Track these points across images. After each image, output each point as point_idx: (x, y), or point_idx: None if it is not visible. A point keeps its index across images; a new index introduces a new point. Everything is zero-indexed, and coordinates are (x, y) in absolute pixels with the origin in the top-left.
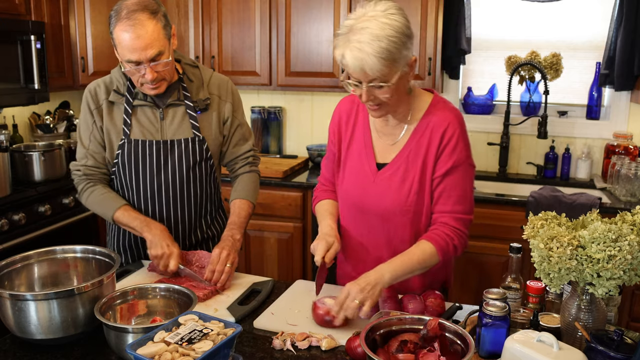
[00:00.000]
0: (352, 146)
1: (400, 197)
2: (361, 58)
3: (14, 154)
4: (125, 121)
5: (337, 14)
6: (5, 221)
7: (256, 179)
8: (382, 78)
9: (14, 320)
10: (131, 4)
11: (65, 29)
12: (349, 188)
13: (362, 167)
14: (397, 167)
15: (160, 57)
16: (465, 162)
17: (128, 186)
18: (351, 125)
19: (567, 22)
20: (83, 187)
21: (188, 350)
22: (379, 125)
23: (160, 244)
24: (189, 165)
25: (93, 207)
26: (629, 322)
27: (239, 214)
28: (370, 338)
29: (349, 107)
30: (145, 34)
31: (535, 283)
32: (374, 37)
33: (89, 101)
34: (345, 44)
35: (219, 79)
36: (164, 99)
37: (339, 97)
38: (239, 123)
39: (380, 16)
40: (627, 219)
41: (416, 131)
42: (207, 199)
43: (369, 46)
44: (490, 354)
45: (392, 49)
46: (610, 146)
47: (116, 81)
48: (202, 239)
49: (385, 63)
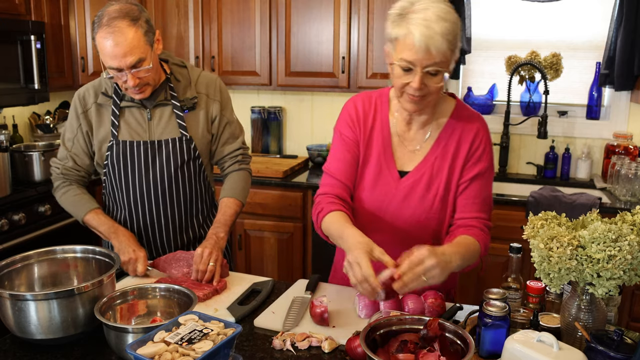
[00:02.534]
0: (369, 150)
1: (424, 206)
2: (430, 36)
3: (14, 154)
4: (113, 123)
5: (337, 14)
6: (5, 221)
7: (246, 177)
8: (440, 63)
9: (14, 320)
10: (112, 10)
11: (65, 29)
12: (367, 197)
13: (382, 174)
14: (421, 174)
15: (141, 64)
16: (490, 168)
17: (118, 187)
18: (369, 127)
19: (567, 22)
20: (59, 184)
21: (188, 350)
22: (401, 130)
23: (126, 250)
24: (177, 165)
25: (66, 206)
26: (629, 322)
27: (224, 212)
28: (370, 338)
29: (366, 106)
30: (124, 42)
31: (535, 283)
32: (440, 17)
33: (77, 105)
34: (408, 21)
35: (207, 77)
36: (151, 100)
37: (339, 97)
38: (227, 121)
39: (437, 1)
40: (627, 219)
41: (441, 137)
42: (197, 199)
43: (437, 25)
44: (490, 354)
45: (456, 34)
46: (610, 146)
47: (104, 84)
48: (195, 238)
49: (449, 46)
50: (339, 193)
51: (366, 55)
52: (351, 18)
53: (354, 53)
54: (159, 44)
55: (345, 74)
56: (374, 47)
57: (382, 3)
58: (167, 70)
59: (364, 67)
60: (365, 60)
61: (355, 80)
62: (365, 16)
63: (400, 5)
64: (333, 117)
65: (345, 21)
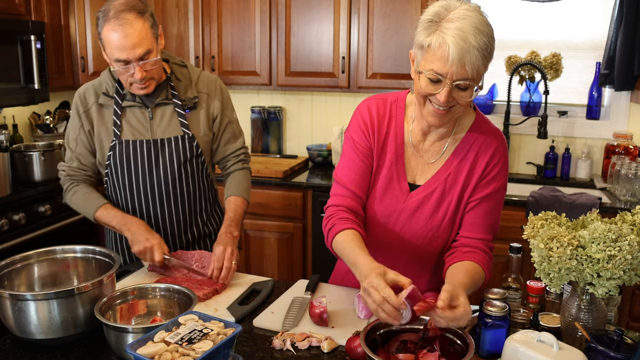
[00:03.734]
0: (382, 159)
1: (432, 224)
2: (466, 49)
3: (14, 154)
4: (115, 122)
5: (337, 14)
6: (5, 221)
7: (249, 177)
8: (472, 78)
9: (14, 320)
10: (119, 4)
11: (65, 29)
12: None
13: (392, 185)
14: (432, 189)
15: (149, 56)
16: (503, 187)
17: (121, 187)
18: (383, 134)
19: (567, 22)
20: (67, 186)
21: (188, 350)
22: (416, 139)
23: (139, 240)
24: (179, 163)
25: (76, 206)
26: (629, 322)
27: (235, 211)
28: (370, 338)
29: (380, 111)
30: (133, 33)
31: (535, 283)
32: (476, 30)
33: (78, 105)
34: (440, 30)
35: (208, 77)
36: (153, 99)
37: (339, 97)
38: (228, 120)
39: (475, 11)
40: (627, 219)
41: (457, 152)
42: (201, 196)
43: (473, 38)
44: (490, 354)
45: (492, 48)
46: (610, 146)
47: (105, 84)
48: (199, 236)
49: (484, 61)
50: (350, 204)
51: (366, 55)
52: (351, 18)
53: (354, 53)
54: (162, 39)
55: (345, 74)
56: (374, 47)
57: (382, 3)
58: (168, 69)
59: (364, 67)
60: (365, 60)
61: (355, 80)
62: (365, 16)
63: (434, 10)
64: (333, 117)
65: (345, 21)
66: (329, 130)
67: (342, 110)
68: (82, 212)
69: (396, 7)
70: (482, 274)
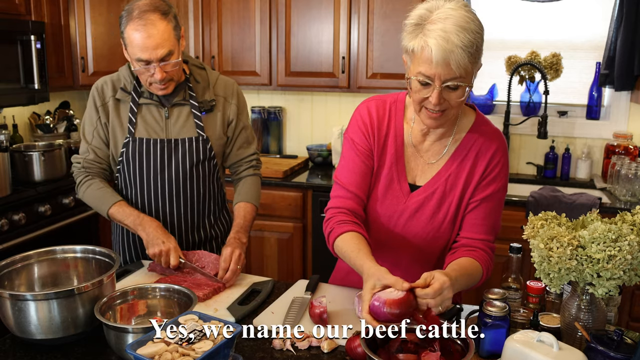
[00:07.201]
0: (382, 160)
1: (433, 225)
2: (449, 50)
3: (14, 154)
4: (131, 119)
5: (337, 14)
6: (5, 221)
7: (259, 183)
8: (461, 77)
9: (14, 320)
10: (143, 4)
11: (65, 29)
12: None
13: (392, 186)
14: (433, 189)
15: (170, 57)
16: (503, 188)
17: (132, 183)
18: (383, 134)
19: (567, 22)
20: (81, 180)
21: (188, 350)
22: (416, 140)
23: (155, 242)
24: (192, 164)
25: (89, 200)
26: (629, 322)
27: (244, 217)
28: (371, 338)
29: (380, 112)
30: (156, 34)
31: (535, 283)
32: (459, 28)
33: (96, 97)
34: (423, 33)
35: (225, 81)
36: (170, 98)
37: (339, 97)
38: (243, 125)
39: (459, 9)
40: (627, 219)
41: (458, 152)
42: (210, 198)
43: (456, 37)
44: (490, 354)
45: (479, 44)
46: (610, 146)
47: (123, 79)
48: (205, 238)
49: (471, 59)
50: (351, 206)
51: (366, 55)
52: (351, 18)
53: (354, 53)
54: (184, 40)
55: (345, 74)
56: (374, 47)
57: (382, 3)
58: (187, 70)
59: (364, 67)
60: (365, 60)
61: (355, 80)
62: (365, 16)
63: (417, 13)
64: (333, 117)
65: (345, 21)
66: (329, 130)
67: (342, 111)
68: (95, 207)
69: (396, 7)
70: (478, 269)
